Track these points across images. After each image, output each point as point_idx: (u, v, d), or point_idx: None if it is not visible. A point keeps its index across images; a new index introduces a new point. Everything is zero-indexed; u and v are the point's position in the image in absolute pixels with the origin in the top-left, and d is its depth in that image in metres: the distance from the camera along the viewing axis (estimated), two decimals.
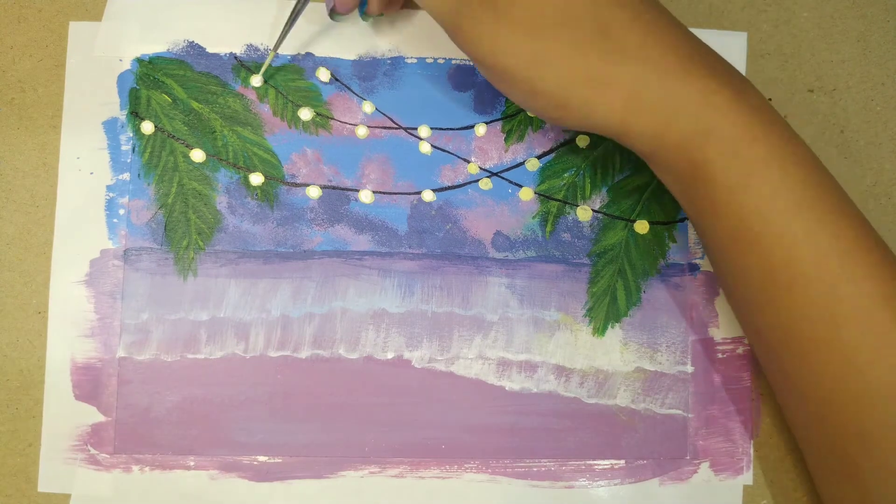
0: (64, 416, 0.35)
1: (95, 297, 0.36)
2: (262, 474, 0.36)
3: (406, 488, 0.36)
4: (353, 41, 0.38)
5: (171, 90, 0.37)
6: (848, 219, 0.30)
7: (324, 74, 0.38)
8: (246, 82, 0.37)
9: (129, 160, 0.37)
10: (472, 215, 0.38)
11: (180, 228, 0.37)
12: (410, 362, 0.37)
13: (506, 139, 0.38)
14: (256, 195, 0.37)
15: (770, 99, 0.39)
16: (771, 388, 0.35)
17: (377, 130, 0.38)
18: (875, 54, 0.39)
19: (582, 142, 0.38)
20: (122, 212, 0.36)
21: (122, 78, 0.37)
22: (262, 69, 0.37)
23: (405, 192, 0.38)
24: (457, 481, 0.36)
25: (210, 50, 0.37)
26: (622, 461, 0.37)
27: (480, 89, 0.38)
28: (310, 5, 0.37)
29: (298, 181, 0.37)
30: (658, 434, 0.37)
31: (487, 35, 0.30)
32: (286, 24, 0.35)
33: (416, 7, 0.37)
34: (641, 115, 0.30)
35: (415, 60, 0.38)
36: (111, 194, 0.36)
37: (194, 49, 0.37)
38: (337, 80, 0.38)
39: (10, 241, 0.36)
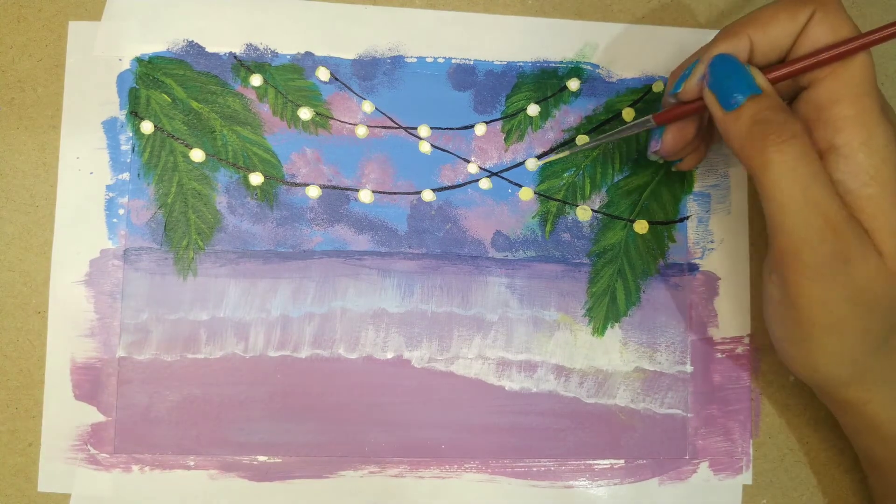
0: (64, 415, 0.35)
1: (95, 297, 0.36)
2: (261, 474, 0.36)
3: (406, 488, 0.36)
4: (352, 41, 0.38)
5: (170, 90, 0.37)
6: None
7: (323, 74, 0.38)
8: (245, 82, 0.37)
9: (128, 160, 0.37)
10: (472, 215, 0.38)
11: (180, 228, 0.37)
12: (410, 362, 0.37)
13: (506, 139, 0.38)
14: (256, 195, 0.37)
15: None
16: None
17: (377, 130, 0.38)
18: (875, 54, 0.39)
19: (581, 142, 0.38)
20: (121, 212, 0.36)
21: (121, 78, 0.37)
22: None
23: (405, 192, 0.38)
24: (456, 481, 0.36)
25: (210, 49, 0.37)
26: (622, 461, 0.37)
27: (480, 89, 0.38)
28: (309, 4, 0.37)
29: (298, 181, 0.37)
30: (657, 434, 0.37)
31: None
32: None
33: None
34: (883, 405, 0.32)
35: (414, 60, 0.38)
36: (111, 194, 0.36)
37: (194, 48, 0.37)
38: (337, 79, 0.38)
39: (10, 241, 0.36)
